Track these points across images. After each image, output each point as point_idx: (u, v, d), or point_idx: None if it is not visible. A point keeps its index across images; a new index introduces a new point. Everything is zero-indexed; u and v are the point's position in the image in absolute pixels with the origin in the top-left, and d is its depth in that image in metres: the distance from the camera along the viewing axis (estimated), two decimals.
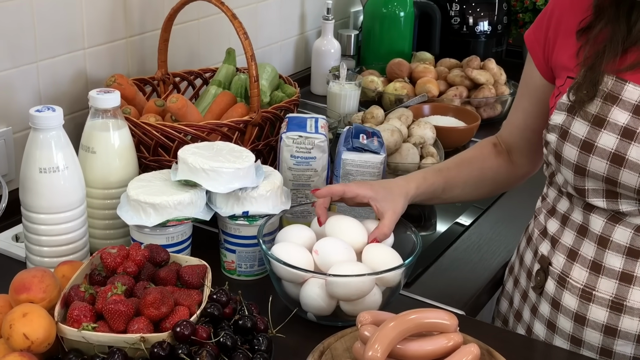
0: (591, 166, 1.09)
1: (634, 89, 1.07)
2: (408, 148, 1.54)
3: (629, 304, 1.11)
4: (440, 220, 1.52)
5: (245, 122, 1.38)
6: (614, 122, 1.07)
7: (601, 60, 1.09)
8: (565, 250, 1.17)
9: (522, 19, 2.34)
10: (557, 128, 1.14)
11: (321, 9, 2.17)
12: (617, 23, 1.09)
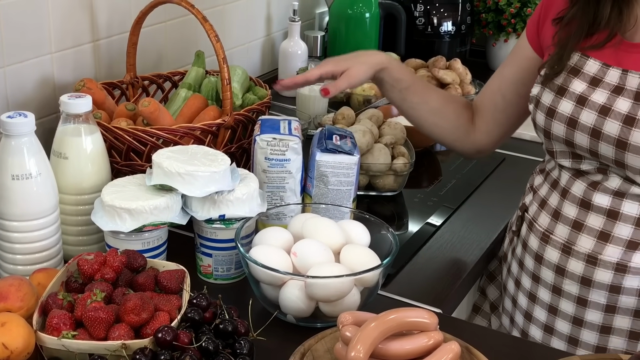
0: (553, 130, 1.23)
1: (593, 63, 1.21)
2: (380, 148, 1.54)
3: (603, 257, 1.20)
4: (412, 221, 1.53)
5: (218, 125, 1.37)
6: (572, 91, 1.21)
7: (570, 40, 1.23)
8: (551, 211, 1.27)
9: (485, 19, 2.36)
10: (533, 98, 1.28)
11: (287, 11, 2.17)
12: (587, 9, 1.21)
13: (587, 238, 1.21)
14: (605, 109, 1.17)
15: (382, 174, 1.55)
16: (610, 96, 1.17)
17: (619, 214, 1.19)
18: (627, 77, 1.17)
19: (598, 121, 1.17)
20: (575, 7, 1.23)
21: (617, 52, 1.20)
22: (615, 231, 1.19)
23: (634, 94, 1.15)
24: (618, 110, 1.16)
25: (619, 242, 1.18)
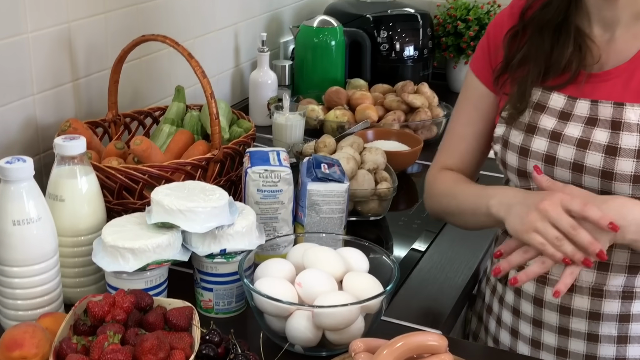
0: (529, 168, 1.21)
1: (557, 97, 1.21)
2: (363, 174, 1.57)
3: (578, 283, 1.21)
4: (398, 244, 1.56)
5: (208, 160, 1.38)
6: (542, 128, 1.21)
7: (527, 78, 1.24)
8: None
9: (445, 43, 2.41)
10: (499, 139, 1.27)
11: (254, 41, 2.20)
12: (539, 47, 1.23)
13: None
14: (583, 142, 1.17)
15: (366, 199, 1.57)
16: (585, 128, 1.18)
17: None
18: (599, 108, 1.18)
19: (578, 155, 1.17)
20: (529, 49, 1.24)
21: (583, 84, 1.21)
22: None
23: (610, 123, 1.16)
24: (597, 142, 1.16)
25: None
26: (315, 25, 2.20)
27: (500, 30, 1.31)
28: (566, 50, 1.21)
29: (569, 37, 1.21)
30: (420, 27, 2.34)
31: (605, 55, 1.21)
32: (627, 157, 1.14)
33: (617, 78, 1.19)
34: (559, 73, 1.22)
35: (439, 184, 1.37)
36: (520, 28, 1.26)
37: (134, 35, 1.52)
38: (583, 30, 1.22)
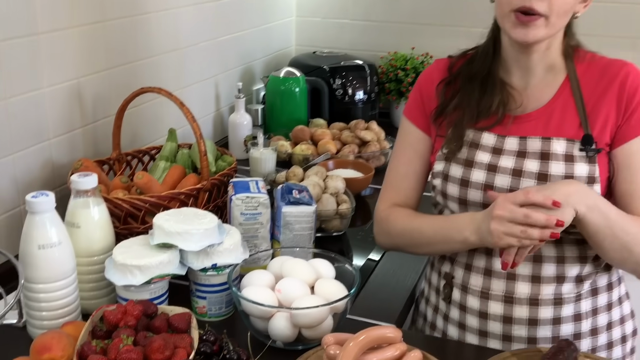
0: (469, 197, 1.20)
1: (488, 136, 1.21)
2: (327, 198, 1.59)
3: (517, 296, 1.20)
4: (357, 255, 1.57)
5: (199, 190, 1.39)
6: (479, 162, 1.20)
7: (462, 121, 1.22)
8: (462, 265, 1.25)
9: (389, 88, 2.44)
10: (440, 173, 1.24)
11: (231, 89, 2.21)
12: (470, 96, 1.22)
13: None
14: (517, 171, 1.17)
15: (330, 218, 1.59)
16: (517, 160, 1.17)
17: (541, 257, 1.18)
18: (527, 142, 1.18)
19: (513, 182, 1.16)
20: (461, 97, 1.23)
21: (509, 125, 1.20)
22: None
23: (539, 154, 1.17)
24: (529, 171, 1.16)
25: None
26: (281, 75, 2.21)
27: (430, 82, 1.29)
28: (493, 98, 1.21)
29: (494, 87, 1.21)
30: (367, 76, 2.36)
31: (525, 101, 1.21)
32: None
33: (537, 119, 1.19)
34: (488, 116, 1.21)
35: (394, 222, 1.30)
36: (452, 79, 1.26)
37: (133, 87, 1.53)
38: (505, 80, 1.23)
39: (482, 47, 1.26)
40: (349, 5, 2.56)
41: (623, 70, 1.17)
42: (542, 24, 1.12)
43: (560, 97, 1.20)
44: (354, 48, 2.57)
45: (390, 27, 2.52)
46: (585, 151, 1.16)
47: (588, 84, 1.19)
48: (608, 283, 1.24)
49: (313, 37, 2.63)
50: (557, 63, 1.21)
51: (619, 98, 1.16)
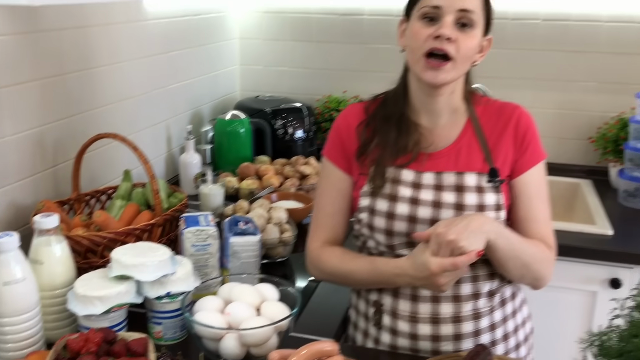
0: (395, 228, 1.22)
1: (408, 173, 1.23)
2: (271, 227, 1.61)
3: (442, 316, 1.23)
4: (299, 278, 1.59)
5: (153, 225, 1.40)
6: (402, 196, 1.22)
7: (383, 159, 1.24)
8: (390, 292, 1.26)
9: (325, 127, 2.50)
10: (366, 208, 1.25)
11: (181, 132, 2.22)
12: (387, 135, 1.25)
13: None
14: (436, 203, 1.19)
15: (275, 246, 1.62)
16: (435, 193, 1.20)
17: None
18: (442, 177, 1.21)
19: (434, 213, 1.19)
20: (380, 137, 1.25)
21: (424, 162, 1.23)
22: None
23: (454, 187, 1.21)
24: (447, 202, 1.19)
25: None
26: (228, 117, 2.24)
27: (347, 125, 1.29)
28: (408, 138, 1.24)
29: (408, 127, 1.25)
30: (305, 116, 2.39)
31: (436, 140, 1.25)
32: (470, 211, 1.19)
33: (447, 156, 1.24)
34: (405, 154, 1.24)
35: (325, 262, 1.30)
36: (370, 120, 1.28)
37: (90, 133, 1.54)
38: (416, 121, 1.26)
39: (392, 91, 1.30)
40: (288, 55, 2.62)
41: (516, 113, 1.25)
42: (450, 68, 1.17)
43: (465, 136, 1.25)
44: (293, 92, 2.63)
45: (324, 73, 2.59)
46: (492, 182, 1.22)
47: (487, 123, 1.26)
48: (512, 293, 1.30)
49: (256, 83, 2.68)
50: (459, 106, 1.27)
51: (515, 136, 1.24)
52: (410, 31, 1.20)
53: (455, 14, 1.16)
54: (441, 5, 1.15)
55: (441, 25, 1.15)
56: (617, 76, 2.30)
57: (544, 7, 2.31)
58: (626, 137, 2.17)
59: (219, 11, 2.47)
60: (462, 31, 1.17)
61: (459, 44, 1.16)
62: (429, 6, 1.17)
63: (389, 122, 1.26)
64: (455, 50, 1.16)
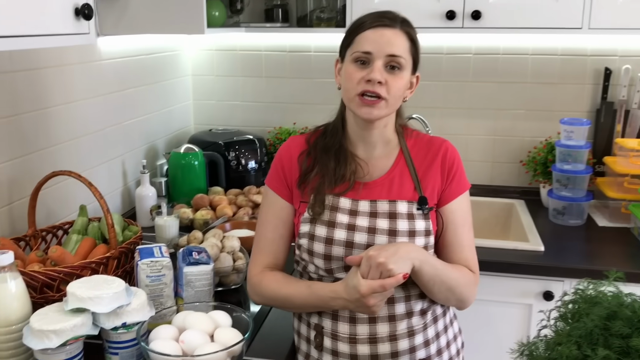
0: (333, 253, 1.24)
1: (345, 200, 1.26)
2: (224, 256, 1.62)
3: (379, 336, 1.25)
4: (252, 304, 1.59)
5: (108, 258, 1.40)
6: (340, 222, 1.25)
7: (322, 188, 1.27)
8: (330, 315, 1.28)
9: None
10: (306, 234, 1.27)
11: (137, 166, 2.22)
12: (327, 165, 1.28)
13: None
14: (371, 229, 1.23)
15: (228, 274, 1.62)
16: (370, 219, 1.24)
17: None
18: (377, 205, 1.25)
19: (369, 238, 1.22)
20: (320, 167, 1.28)
21: (360, 190, 1.27)
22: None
23: (388, 214, 1.25)
24: (381, 228, 1.22)
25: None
26: (182, 151, 2.24)
27: (289, 156, 1.32)
28: (346, 168, 1.27)
29: (345, 158, 1.28)
30: (257, 148, 2.41)
31: (371, 170, 1.29)
32: (403, 236, 1.23)
33: (381, 185, 1.28)
34: (343, 183, 1.27)
35: (265, 287, 1.30)
36: (311, 150, 1.31)
37: (46, 170, 1.53)
38: (353, 152, 1.30)
39: (332, 124, 1.34)
40: (239, 90, 2.65)
41: (443, 146, 1.31)
42: (383, 106, 1.22)
43: (397, 166, 1.30)
44: (245, 125, 2.66)
45: (275, 106, 2.63)
46: (421, 210, 1.26)
47: (417, 155, 1.31)
48: (442, 310, 1.34)
49: (209, 116, 2.70)
50: (392, 139, 1.32)
51: (442, 168, 1.29)
52: (344, 72, 1.25)
53: (384, 58, 1.21)
54: (371, 51, 1.21)
55: (372, 70, 1.21)
56: (543, 104, 2.41)
57: (474, 42, 2.41)
58: (553, 159, 2.27)
59: (172, 50, 2.48)
60: (392, 73, 1.22)
61: (389, 85, 1.21)
62: (360, 51, 1.22)
63: (328, 153, 1.30)
64: (386, 92, 1.22)
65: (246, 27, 2.34)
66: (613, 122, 2.35)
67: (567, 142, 2.17)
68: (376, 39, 1.21)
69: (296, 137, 1.36)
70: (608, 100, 2.35)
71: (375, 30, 1.21)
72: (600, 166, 2.37)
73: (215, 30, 2.07)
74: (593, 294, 1.03)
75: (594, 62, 2.34)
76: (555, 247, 1.97)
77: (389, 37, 1.21)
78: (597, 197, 2.30)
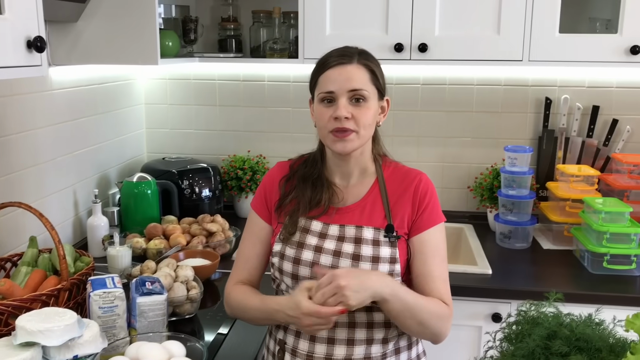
0: (300, 272, 1.29)
1: (317, 224, 1.32)
2: (178, 286, 1.61)
3: (334, 358, 1.28)
4: (207, 332, 1.58)
5: (59, 290, 1.38)
6: (309, 244, 1.30)
7: (297, 212, 1.32)
8: (293, 332, 1.32)
9: (231, 184, 2.54)
10: (277, 253, 1.33)
11: (88, 195, 2.19)
12: (304, 193, 1.35)
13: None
14: (337, 252, 1.28)
15: (182, 303, 1.62)
16: (337, 243, 1.29)
17: (336, 323, 1.26)
18: (345, 229, 1.30)
19: (334, 261, 1.27)
20: (297, 192, 1.36)
21: (333, 215, 1.32)
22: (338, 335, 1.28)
23: (354, 239, 1.30)
24: (346, 252, 1.27)
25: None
26: (135, 180, 2.22)
27: (272, 181, 1.40)
28: (322, 195, 1.34)
29: (322, 185, 1.35)
30: (211, 176, 2.42)
31: (346, 196, 1.35)
32: (366, 261, 1.27)
33: (354, 211, 1.33)
34: (317, 207, 1.33)
35: (233, 298, 1.37)
36: (292, 175, 1.39)
37: None
38: (330, 180, 1.37)
39: (313, 154, 1.41)
40: (193, 118, 2.66)
41: (417, 178, 1.36)
42: (354, 137, 1.29)
43: (372, 194, 1.35)
44: (199, 153, 2.67)
45: (229, 134, 2.65)
46: (388, 237, 1.30)
47: (392, 185, 1.36)
48: (408, 343, 1.36)
49: (162, 145, 2.69)
50: (369, 166, 1.38)
51: (414, 199, 1.34)
52: (315, 112, 1.33)
53: (347, 94, 1.28)
54: (333, 90, 1.28)
55: (337, 108, 1.27)
56: (488, 132, 2.51)
57: (422, 73, 2.50)
58: (499, 185, 2.35)
59: (125, 79, 2.48)
60: (357, 106, 1.28)
61: (356, 118, 1.28)
62: (324, 92, 1.29)
63: (306, 183, 1.36)
64: (355, 125, 1.28)
65: (200, 57, 2.36)
66: (554, 149, 2.46)
67: (512, 169, 2.26)
68: (336, 77, 1.28)
69: (282, 162, 1.44)
70: (549, 128, 2.46)
71: (335, 69, 1.28)
72: (544, 191, 2.47)
73: (168, 60, 2.08)
74: (535, 315, 1.08)
75: (535, 92, 2.46)
76: (503, 270, 2.03)
77: (348, 74, 1.27)
78: (541, 220, 2.40)
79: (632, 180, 2.22)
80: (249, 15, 2.51)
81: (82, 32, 1.86)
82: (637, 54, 2.03)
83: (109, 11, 1.84)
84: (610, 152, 2.44)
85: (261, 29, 2.45)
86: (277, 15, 2.40)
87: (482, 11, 2.09)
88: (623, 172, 2.26)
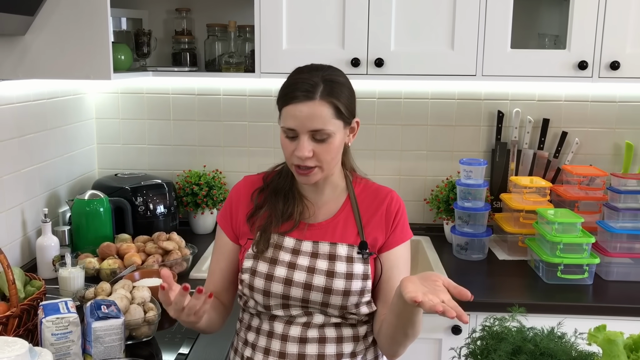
0: (272, 289, 1.28)
1: (289, 240, 1.32)
2: (134, 308, 1.56)
3: None
4: (165, 355, 1.54)
5: (8, 317, 1.32)
6: (282, 260, 1.29)
7: (269, 227, 1.31)
8: (262, 349, 1.30)
9: (186, 200, 2.50)
10: (248, 269, 1.31)
11: (37, 214, 2.12)
12: (276, 205, 1.33)
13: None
14: (310, 269, 1.27)
15: (139, 326, 1.56)
16: (311, 259, 1.28)
17: (306, 339, 1.28)
18: (319, 246, 1.30)
19: (308, 277, 1.27)
20: (269, 206, 1.34)
21: (305, 231, 1.32)
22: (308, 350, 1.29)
23: (328, 255, 1.29)
24: (320, 268, 1.27)
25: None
26: (86, 198, 2.16)
27: (238, 195, 1.39)
28: (294, 209, 1.33)
29: (294, 199, 1.34)
30: (166, 192, 2.37)
31: (317, 212, 1.35)
32: (340, 278, 1.27)
33: (326, 227, 1.33)
34: (288, 221, 1.32)
35: None
36: (265, 188, 1.37)
37: None
38: (303, 194, 1.36)
39: (286, 166, 1.38)
40: (146, 133, 2.60)
41: (389, 196, 1.37)
42: (317, 172, 1.28)
43: (344, 211, 1.35)
44: (153, 168, 2.61)
45: (183, 149, 2.60)
46: (361, 254, 1.31)
47: (363, 202, 1.36)
48: (374, 356, 1.38)
49: (114, 160, 2.62)
50: (339, 183, 1.37)
51: (387, 216, 1.35)
52: (280, 140, 1.30)
53: (308, 133, 1.24)
54: (294, 127, 1.25)
55: (298, 146, 1.24)
56: (443, 145, 2.55)
57: (378, 87, 2.52)
58: (455, 197, 2.39)
59: (75, 93, 2.41)
60: (320, 143, 1.25)
61: (318, 155, 1.26)
62: (286, 127, 1.26)
63: (277, 195, 1.35)
64: (317, 161, 1.26)
65: (154, 72, 2.31)
66: (507, 161, 2.52)
67: (467, 181, 2.30)
68: (297, 115, 1.23)
69: (250, 176, 1.42)
70: (502, 140, 2.52)
71: (297, 106, 1.22)
72: (498, 203, 2.52)
73: (121, 75, 2.03)
74: (499, 330, 1.09)
75: (487, 106, 2.51)
76: (460, 282, 2.01)
77: (309, 113, 1.22)
78: (496, 232, 2.44)
79: (581, 191, 2.29)
80: (203, 28, 2.48)
81: (30, 45, 1.79)
82: (585, 69, 2.10)
83: (59, 24, 1.78)
84: (560, 163, 2.51)
85: (216, 42, 2.42)
86: (233, 29, 2.38)
87: (436, 27, 2.12)
88: (573, 183, 2.33)
